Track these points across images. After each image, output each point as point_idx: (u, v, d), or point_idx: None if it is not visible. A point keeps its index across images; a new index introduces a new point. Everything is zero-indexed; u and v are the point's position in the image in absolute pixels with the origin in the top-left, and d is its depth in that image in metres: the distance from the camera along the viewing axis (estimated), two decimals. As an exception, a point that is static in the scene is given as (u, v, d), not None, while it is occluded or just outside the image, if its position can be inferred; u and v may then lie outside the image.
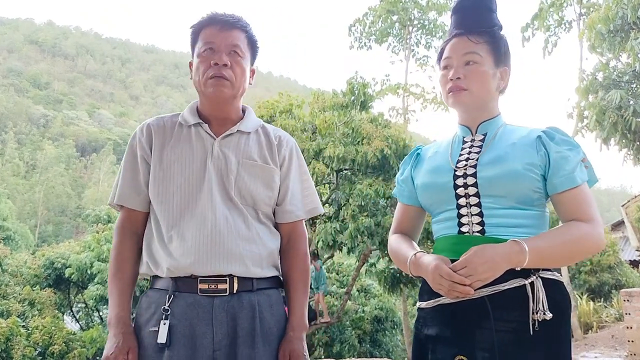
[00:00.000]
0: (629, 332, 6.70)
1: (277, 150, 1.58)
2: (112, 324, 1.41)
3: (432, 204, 1.48)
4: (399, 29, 18.61)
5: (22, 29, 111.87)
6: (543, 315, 1.25)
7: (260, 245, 1.48)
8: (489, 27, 1.45)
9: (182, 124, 1.54)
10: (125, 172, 1.53)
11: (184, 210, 1.44)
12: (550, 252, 1.28)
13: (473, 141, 1.47)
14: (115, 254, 1.50)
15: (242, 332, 1.39)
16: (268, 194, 1.53)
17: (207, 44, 1.49)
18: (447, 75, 1.44)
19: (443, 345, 1.34)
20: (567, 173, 1.33)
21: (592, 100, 8.11)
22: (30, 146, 64.17)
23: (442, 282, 1.28)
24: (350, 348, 11.74)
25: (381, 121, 9.31)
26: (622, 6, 7.50)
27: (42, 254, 14.40)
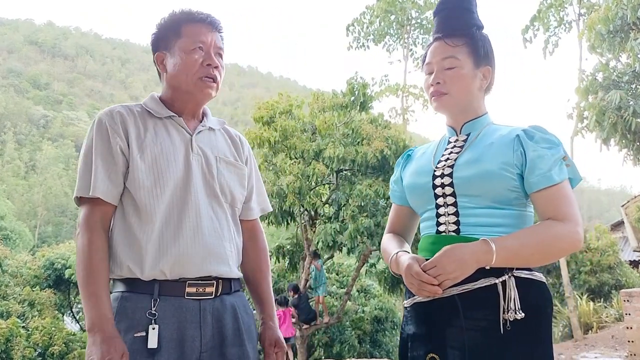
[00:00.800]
0: (629, 332, 6.70)
1: (241, 149, 1.61)
2: (98, 328, 1.28)
3: (417, 204, 1.52)
4: (397, 28, 18.61)
5: (22, 29, 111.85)
6: (514, 315, 1.24)
7: (234, 245, 1.50)
8: (466, 29, 1.46)
9: (152, 114, 1.48)
10: (101, 162, 1.38)
11: (179, 208, 1.40)
12: (521, 251, 1.28)
13: (456, 142, 1.49)
14: (90, 253, 1.34)
15: (229, 332, 1.41)
16: (242, 192, 1.56)
17: (196, 42, 1.46)
18: (429, 80, 1.47)
19: (419, 343, 1.38)
20: (544, 172, 1.32)
21: (592, 101, 8.11)
22: (29, 146, 64.15)
23: (412, 281, 1.31)
24: (350, 348, 11.73)
25: (381, 122, 9.32)
26: (621, 6, 7.50)
27: (42, 255, 14.39)
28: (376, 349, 12.35)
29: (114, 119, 1.43)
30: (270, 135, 9.00)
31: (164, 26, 1.52)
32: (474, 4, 1.50)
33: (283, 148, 9.15)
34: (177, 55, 1.47)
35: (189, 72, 1.45)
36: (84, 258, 1.35)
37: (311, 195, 8.92)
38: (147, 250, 1.36)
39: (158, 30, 1.53)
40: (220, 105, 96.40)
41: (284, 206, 8.68)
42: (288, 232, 11.56)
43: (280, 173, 9.01)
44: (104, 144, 1.40)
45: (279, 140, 9.01)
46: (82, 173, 1.41)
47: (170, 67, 1.49)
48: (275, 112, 9.34)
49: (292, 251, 10.42)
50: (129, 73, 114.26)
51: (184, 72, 1.46)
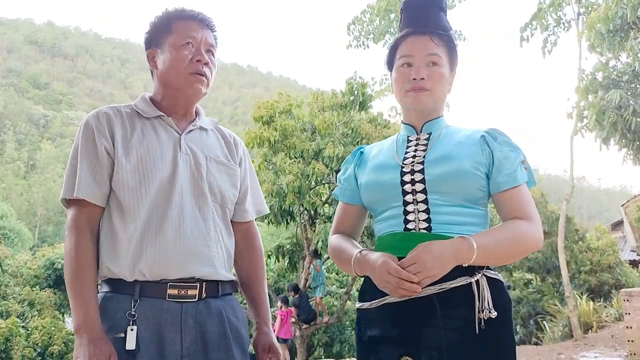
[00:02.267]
0: (629, 331, 6.70)
1: (235, 150, 1.58)
2: (85, 329, 1.28)
3: (377, 202, 1.46)
4: (397, 27, 18.60)
5: (21, 29, 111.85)
6: (489, 314, 1.25)
7: (223, 246, 1.47)
8: (445, 31, 1.46)
9: (141, 115, 1.47)
10: (85, 163, 1.38)
11: (161, 208, 1.38)
12: (495, 249, 1.29)
13: (418, 140, 1.47)
14: (76, 254, 1.34)
15: (213, 337, 1.37)
16: (234, 192, 1.52)
17: (186, 38, 1.44)
18: (407, 73, 1.42)
19: (387, 346, 1.32)
20: (510, 172, 1.36)
21: (592, 100, 8.12)
22: (29, 146, 64.16)
23: (389, 279, 1.25)
24: (350, 348, 11.74)
25: (380, 121, 9.32)
26: (621, 6, 7.49)
27: (42, 255, 14.40)
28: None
29: (99, 120, 1.42)
30: (270, 134, 9.00)
31: (156, 24, 1.51)
32: (445, 5, 1.51)
33: (283, 147, 9.14)
34: (167, 51, 1.46)
35: (178, 67, 1.44)
36: (70, 260, 1.35)
37: (311, 195, 8.91)
38: (128, 250, 1.35)
39: (150, 28, 1.52)
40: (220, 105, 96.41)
41: (283, 206, 8.68)
42: (288, 231, 11.56)
43: (280, 172, 9.00)
44: (89, 146, 1.40)
45: (278, 139, 9.00)
46: (68, 175, 1.41)
47: (160, 63, 1.48)
48: (275, 111, 9.34)
49: (291, 251, 10.42)
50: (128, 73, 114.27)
51: (174, 67, 1.44)
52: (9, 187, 47.99)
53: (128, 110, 1.48)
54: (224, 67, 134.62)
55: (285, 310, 8.67)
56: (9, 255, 14.60)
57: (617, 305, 10.30)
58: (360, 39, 18.93)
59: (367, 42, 19.00)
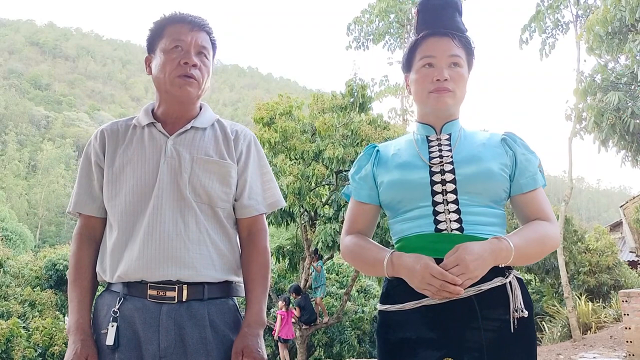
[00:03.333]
0: (628, 332, 6.72)
1: (234, 145, 1.53)
2: (71, 331, 1.40)
3: (402, 201, 1.42)
4: (397, 28, 18.60)
5: (23, 30, 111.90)
6: (521, 314, 1.29)
7: (210, 247, 1.44)
8: (463, 33, 1.47)
9: (136, 125, 1.52)
10: (81, 179, 1.52)
11: (135, 214, 1.41)
12: (527, 249, 1.32)
13: (439, 140, 1.46)
14: (74, 261, 1.48)
15: (192, 341, 1.36)
16: (225, 190, 1.48)
17: (175, 42, 1.46)
18: (431, 74, 1.41)
19: (426, 348, 1.31)
20: (532, 174, 1.39)
21: (591, 102, 8.13)
22: (30, 147, 64.18)
23: (432, 281, 1.24)
24: (350, 348, 11.76)
25: (380, 123, 9.35)
26: (620, 8, 7.52)
27: (44, 255, 14.42)
28: (375, 348, 12.37)
29: (97, 136, 1.53)
30: (270, 136, 9.03)
31: (151, 30, 1.53)
32: (461, 8, 1.50)
33: (283, 149, 9.17)
34: (157, 56, 1.48)
35: (166, 71, 1.45)
36: (70, 266, 1.50)
37: (311, 196, 8.94)
38: (109, 256, 1.44)
39: (148, 34, 1.54)
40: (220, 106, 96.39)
41: (284, 207, 8.71)
42: (288, 232, 11.59)
43: (280, 174, 9.03)
44: (86, 161, 1.53)
45: (279, 141, 9.04)
46: (73, 190, 1.56)
47: (153, 68, 1.51)
48: (275, 113, 9.37)
49: (292, 251, 10.45)
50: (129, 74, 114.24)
51: (162, 71, 1.46)
52: (10, 188, 48.01)
53: (129, 123, 1.55)
54: (225, 69, 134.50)
55: (285, 310, 8.69)
56: (10, 256, 14.62)
57: (616, 306, 10.32)
58: (360, 39, 18.97)
59: (366, 43, 19.05)
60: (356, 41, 18.81)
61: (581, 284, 12.82)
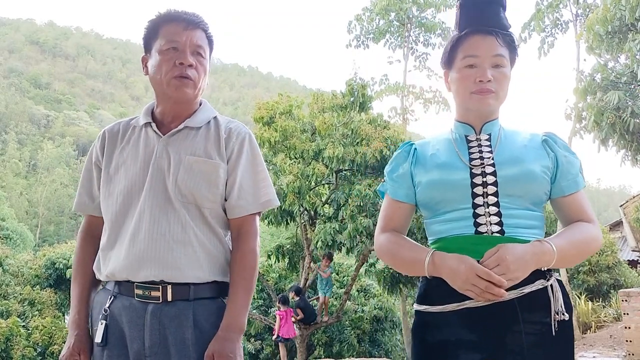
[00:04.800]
0: (627, 332, 6.72)
1: (225, 143, 1.49)
2: (70, 327, 1.47)
3: (441, 202, 1.39)
4: (397, 27, 18.58)
5: (23, 29, 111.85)
6: (562, 316, 1.28)
7: (197, 248, 1.42)
8: (507, 30, 1.42)
9: (135, 126, 1.54)
10: (83, 180, 1.58)
11: (124, 215, 1.44)
12: (569, 252, 1.30)
13: (479, 140, 1.43)
14: (76, 258, 1.56)
15: (174, 341, 1.35)
16: (212, 191, 1.45)
17: (170, 42, 1.44)
18: (474, 74, 1.37)
19: (467, 351, 1.29)
20: (573, 177, 1.38)
21: (590, 102, 8.13)
22: (30, 146, 64.19)
23: (478, 282, 1.22)
24: (350, 348, 11.77)
25: (380, 122, 9.34)
26: (620, 7, 7.51)
27: (43, 254, 14.43)
28: (375, 348, 12.38)
29: (99, 137, 1.57)
30: (270, 135, 9.03)
31: (147, 29, 1.51)
32: (505, 2, 1.45)
33: (283, 148, 9.18)
34: (153, 56, 1.47)
35: (162, 72, 1.44)
36: (73, 264, 1.57)
37: (311, 195, 8.94)
38: (101, 256, 1.48)
39: (144, 33, 1.52)
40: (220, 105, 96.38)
41: (283, 206, 8.71)
42: (288, 231, 11.59)
43: (280, 173, 9.04)
44: (88, 162, 1.58)
45: (278, 140, 9.04)
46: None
47: (149, 68, 1.50)
48: (275, 112, 9.37)
49: (292, 251, 10.46)
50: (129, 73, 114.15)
51: (159, 72, 1.45)
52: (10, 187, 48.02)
53: (129, 123, 1.57)
54: (225, 68, 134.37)
55: (284, 310, 8.69)
56: (10, 254, 14.63)
57: (616, 305, 10.33)
58: (360, 38, 18.94)
59: (367, 41, 19.03)
60: (357, 39, 18.79)
61: (581, 283, 12.83)
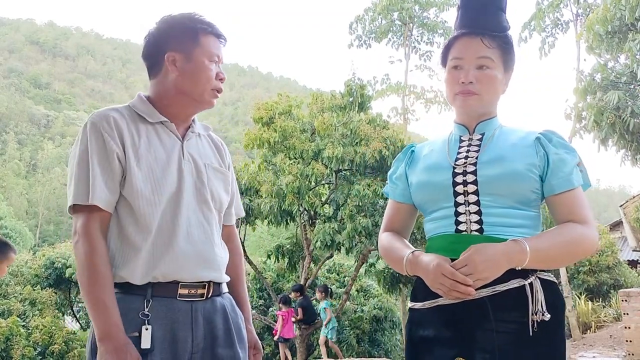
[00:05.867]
0: (627, 332, 6.73)
1: (224, 155, 1.64)
2: (110, 336, 1.27)
3: (427, 202, 1.45)
4: (399, 26, 18.58)
5: (22, 29, 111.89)
6: (542, 317, 1.25)
7: (224, 250, 1.53)
8: (501, 31, 1.42)
9: (145, 119, 1.47)
10: (98, 168, 1.36)
11: (165, 215, 1.40)
12: (550, 252, 1.28)
13: (471, 140, 1.45)
14: (94, 259, 1.32)
15: (219, 332, 1.43)
16: (227, 199, 1.58)
17: (214, 56, 1.50)
18: (458, 76, 1.41)
19: (441, 347, 1.32)
20: (565, 175, 1.34)
21: (590, 101, 8.13)
22: (30, 146, 64.23)
23: (444, 281, 1.25)
24: (349, 348, 11.77)
25: (379, 122, 9.34)
26: (620, 7, 7.51)
27: (43, 254, 14.42)
28: (375, 348, 12.38)
29: (108, 123, 1.40)
30: (269, 135, 9.03)
31: (179, 28, 1.49)
32: (505, 3, 1.45)
33: (282, 148, 9.17)
34: (194, 62, 1.47)
35: (205, 82, 1.48)
36: (88, 265, 1.32)
37: (310, 195, 8.94)
38: (141, 257, 1.36)
39: (171, 29, 1.49)
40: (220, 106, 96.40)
41: (283, 206, 8.71)
42: (287, 231, 11.60)
43: (280, 173, 9.03)
44: (100, 150, 1.38)
45: (278, 140, 9.04)
46: (78, 179, 1.37)
47: (182, 70, 1.47)
48: (275, 112, 9.37)
49: (291, 251, 10.46)
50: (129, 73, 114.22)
51: (200, 81, 1.47)
52: (10, 187, 48.03)
53: (129, 113, 1.47)
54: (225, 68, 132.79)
55: (285, 310, 8.69)
56: (9, 254, 14.59)
57: (616, 305, 10.33)
58: (362, 38, 18.94)
59: (369, 41, 19.03)
60: (358, 39, 18.80)
61: (581, 283, 12.83)
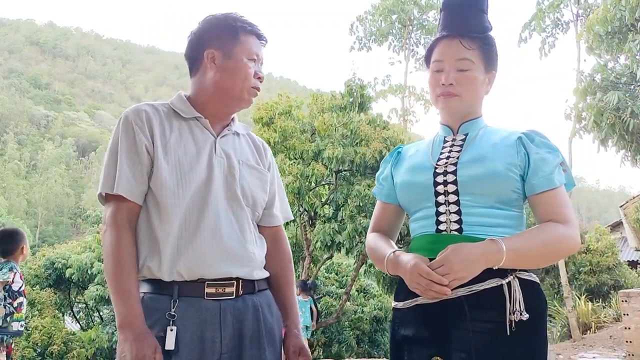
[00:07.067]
0: (627, 332, 6.72)
1: (264, 155, 1.61)
2: (130, 324, 1.28)
3: (410, 202, 1.47)
4: (399, 28, 18.60)
5: (23, 29, 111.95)
6: (520, 316, 1.24)
7: (259, 248, 1.50)
8: (481, 32, 1.44)
9: (179, 114, 1.48)
10: (126, 160, 1.39)
11: (192, 210, 1.39)
12: (527, 252, 1.28)
13: (454, 140, 1.47)
14: (118, 249, 1.33)
15: (248, 333, 1.38)
16: (264, 197, 1.54)
17: (253, 54, 1.50)
18: (438, 79, 1.43)
19: (419, 346, 1.34)
20: (546, 174, 1.34)
21: (590, 102, 8.13)
22: (30, 146, 64.25)
23: (420, 280, 1.26)
24: (349, 348, 11.75)
25: (379, 122, 9.35)
26: (620, 8, 7.51)
27: (43, 254, 14.42)
28: (375, 348, 12.37)
29: (140, 117, 1.43)
30: (269, 136, 9.04)
31: (220, 26, 1.50)
32: (486, 5, 1.47)
33: (282, 149, 9.18)
34: (234, 60, 1.47)
35: (244, 79, 1.47)
36: (113, 255, 1.34)
37: (310, 196, 8.95)
38: (165, 251, 1.36)
39: (211, 27, 1.51)
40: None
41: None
42: (288, 232, 11.60)
43: (280, 173, 9.04)
44: (130, 142, 1.40)
45: (278, 141, 9.04)
46: (107, 170, 1.40)
47: (221, 68, 1.48)
48: (275, 112, 9.37)
49: (291, 251, 10.45)
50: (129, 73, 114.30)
51: (240, 78, 1.47)
52: (10, 188, 48.03)
53: (165, 109, 1.49)
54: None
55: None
56: (9, 255, 14.58)
57: (616, 306, 10.32)
58: (363, 40, 18.95)
59: (369, 43, 19.04)
60: (359, 42, 18.83)
61: (581, 283, 12.82)
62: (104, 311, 12.88)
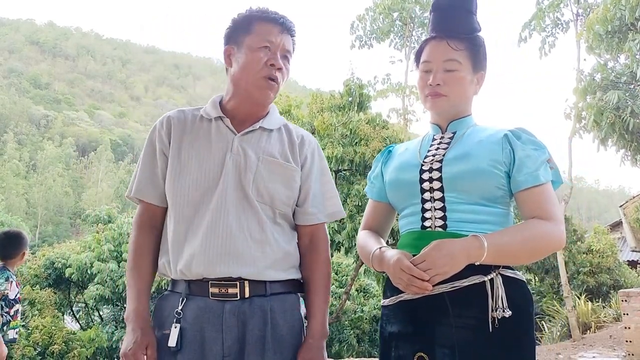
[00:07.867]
0: (627, 332, 6.72)
1: (298, 150, 1.52)
2: (131, 319, 1.37)
3: (398, 200, 1.49)
4: (400, 27, 18.59)
5: (22, 29, 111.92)
6: (502, 313, 1.24)
7: (275, 247, 1.42)
8: (469, 33, 1.46)
9: (204, 117, 1.48)
10: (144, 165, 1.48)
11: (197, 208, 1.38)
12: (510, 248, 1.28)
13: (442, 138, 1.48)
14: (134, 248, 1.45)
15: (252, 338, 1.33)
16: (287, 194, 1.46)
17: (264, 41, 1.43)
18: (426, 79, 1.45)
19: (404, 342, 1.35)
20: (531, 171, 1.34)
21: (590, 101, 8.14)
22: (30, 146, 64.24)
23: (402, 275, 1.27)
24: (349, 347, 11.76)
25: (379, 122, 9.34)
26: (620, 7, 7.52)
27: (43, 254, 14.42)
28: (375, 348, 12.37)
29: (162, 122, 1.50)
30: (269, 135, 9.02)
31: (236, 21, 1.48)
32: (474, 6, 1.49)
33: (282, 148, 9.17)
34: (243, 51, 1.44)
35: (251, 69, 1.42)
36: (129, 253, 1.47)
37: (310, 195, 8.93)
38: (169, 249, 1.41)
39: (231, 24, 1.49)
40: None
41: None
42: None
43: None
44: (150, 147, 1.49)
45: (278, 140, 9.03)
46: (134, 174, 1.51)
47: (235, 62, 1.46)
48: (274, 112, 9.36)
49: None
50: (129, 73, 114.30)
51: (247, 69, 1.43)
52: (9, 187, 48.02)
53: (196, 113, 1.51)
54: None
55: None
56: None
57: (616, 305, 10.32)
58: (363, 38, 18.94)
59: (370, 41, 19.03)
60: (359, 40, 18.81)
61: (581, 283, 12.82)
62: (104, 311, 12.89)
